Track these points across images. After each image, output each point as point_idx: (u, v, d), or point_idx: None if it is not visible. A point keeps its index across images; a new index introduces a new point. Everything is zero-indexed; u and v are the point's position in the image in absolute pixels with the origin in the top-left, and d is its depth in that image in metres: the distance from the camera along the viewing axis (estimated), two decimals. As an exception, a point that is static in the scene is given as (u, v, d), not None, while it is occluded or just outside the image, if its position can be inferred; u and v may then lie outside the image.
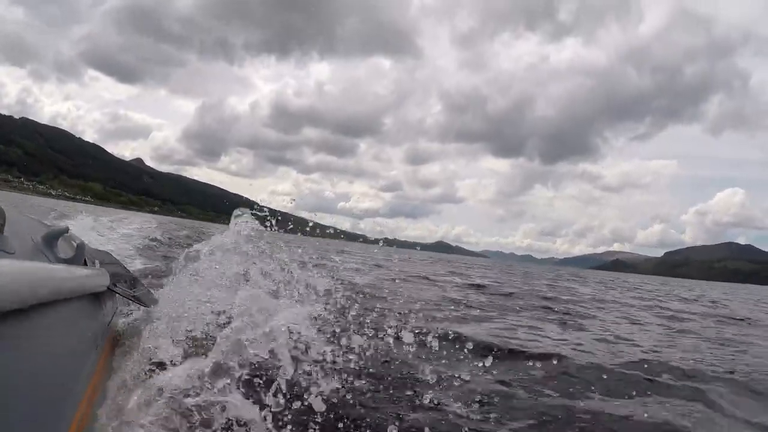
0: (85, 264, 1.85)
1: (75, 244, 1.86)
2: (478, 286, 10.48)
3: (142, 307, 2.34)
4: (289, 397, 1.57)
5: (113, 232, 10.12)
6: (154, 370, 1.75)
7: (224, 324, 2.05)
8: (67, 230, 1.78)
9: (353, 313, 2.09)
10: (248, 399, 1.58)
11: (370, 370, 2.17)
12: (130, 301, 2.24)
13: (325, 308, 2.09)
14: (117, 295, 2.04)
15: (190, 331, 2.13)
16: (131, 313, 2.56)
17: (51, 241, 1.64)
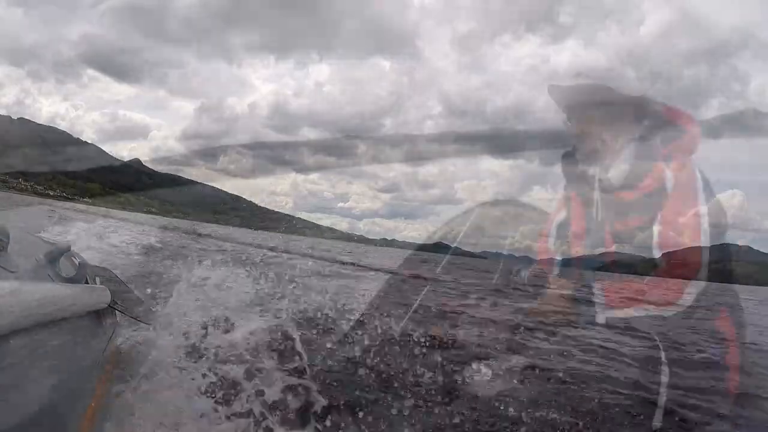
0: (87, 282, 1.88)
1: (77, 263, 1.88)
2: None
3: (141, 324, 2.48)
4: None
5: (112, 234, 10.43)
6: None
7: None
8: (68, 248, 1.81)
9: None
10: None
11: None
12: (130, 319, 2.33)
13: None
14: (117, 312, 2.09)
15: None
16: (131, 330, 2.70)
17: (53, 260, 1.65)
